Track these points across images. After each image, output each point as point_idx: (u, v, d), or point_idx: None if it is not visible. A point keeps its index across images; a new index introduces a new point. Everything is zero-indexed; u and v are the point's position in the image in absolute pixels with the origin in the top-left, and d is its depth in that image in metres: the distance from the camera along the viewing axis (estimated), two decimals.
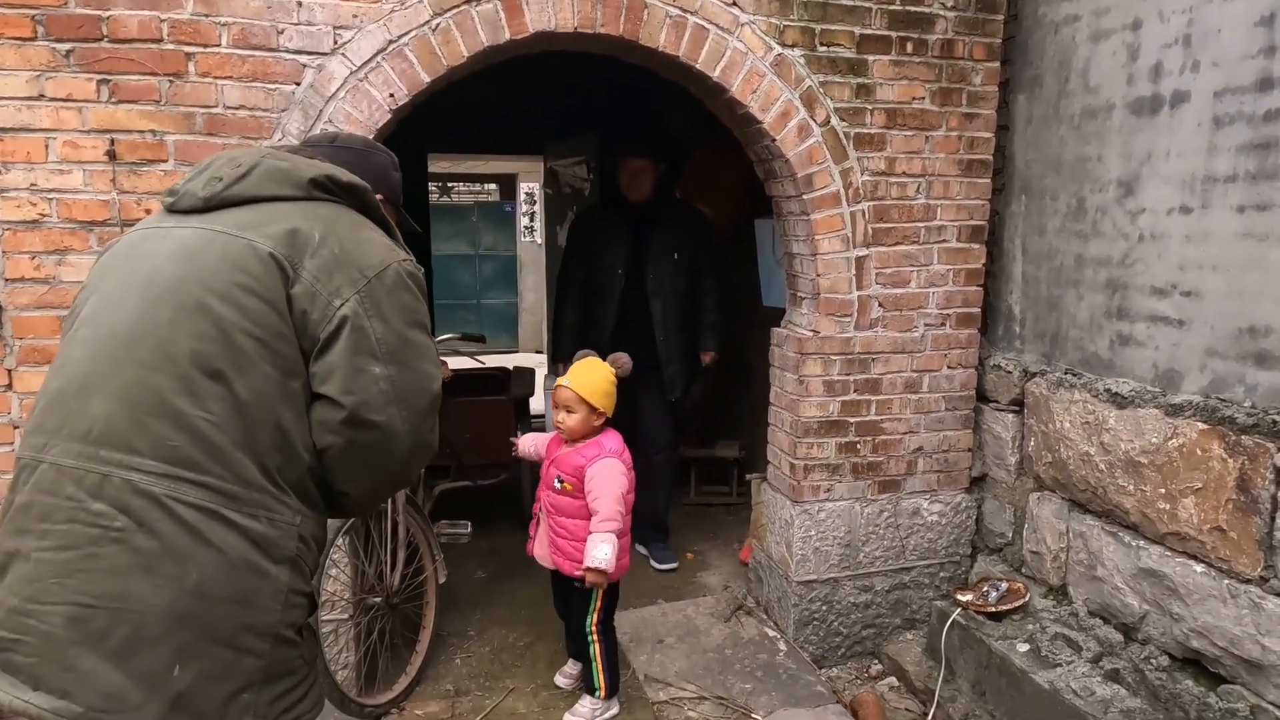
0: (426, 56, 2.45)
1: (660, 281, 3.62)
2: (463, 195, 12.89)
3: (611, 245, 3.63)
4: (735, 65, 2.68)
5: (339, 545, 2.53)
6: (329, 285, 1.20)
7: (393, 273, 1.26)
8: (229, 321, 1.15)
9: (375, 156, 1.55)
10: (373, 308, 1.22)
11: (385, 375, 1.21)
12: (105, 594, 1.07)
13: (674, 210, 3.71)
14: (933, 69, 2.87)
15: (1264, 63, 2.13)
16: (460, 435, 3.84)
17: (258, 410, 1.15)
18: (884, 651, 3.11)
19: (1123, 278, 2.59)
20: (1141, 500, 2.47)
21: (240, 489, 1.13)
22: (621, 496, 2.47)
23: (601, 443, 2.55)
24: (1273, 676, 2.09)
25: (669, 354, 3.66)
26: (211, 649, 1.11)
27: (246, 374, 1.15)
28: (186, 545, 1.10)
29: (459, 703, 2.72)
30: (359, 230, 1.29)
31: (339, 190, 1.32)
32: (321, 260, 1.21)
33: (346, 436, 1.20)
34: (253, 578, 1.14)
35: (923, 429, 3.08)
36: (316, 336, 1.19)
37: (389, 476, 1.31)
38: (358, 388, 1.19)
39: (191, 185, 1.27)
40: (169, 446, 1.11)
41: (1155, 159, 2.46)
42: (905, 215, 2.93)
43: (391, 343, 1.23)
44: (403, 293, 1.27)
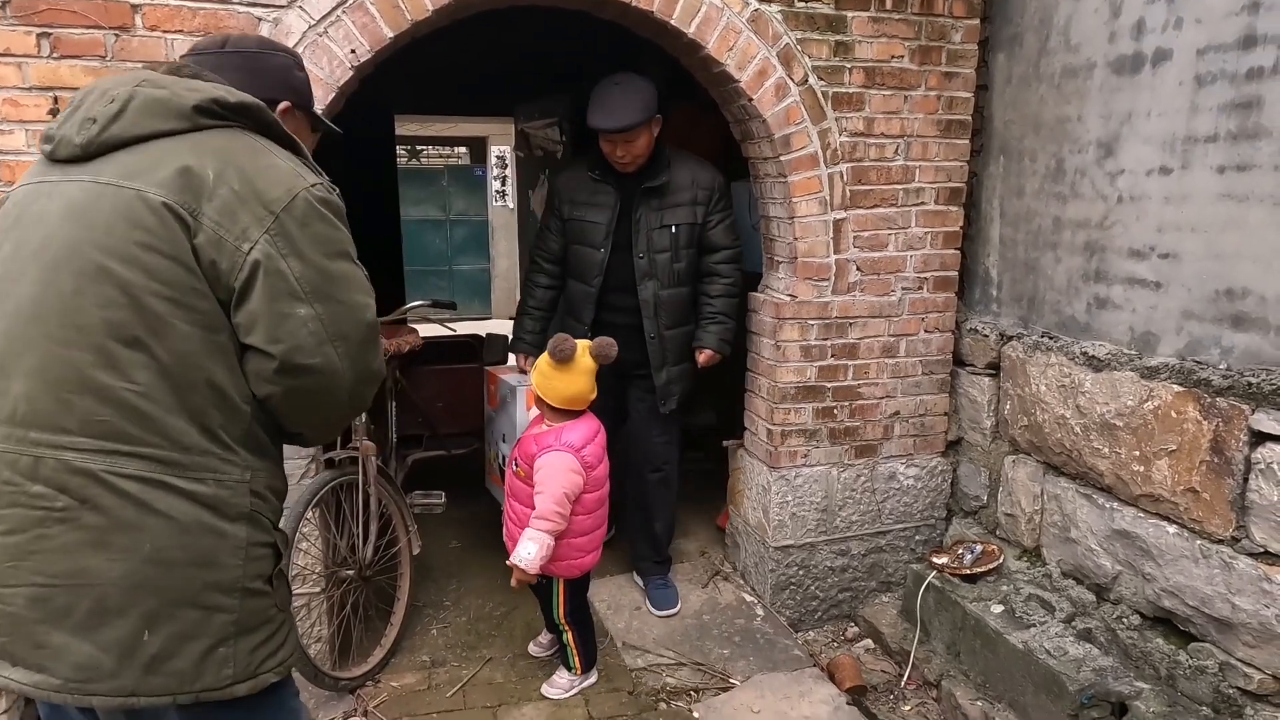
0: (389, 10, 2.34)
1: (651, 262, 2.87)
2: (432, 159, 12.63)
3: (592, 213, 2.90)
4: (711, 21, 2.60)
5: (309, 519, 2.47)
6: (234, 229, 1.11)
7: (302, 202, 1.16)
8: (135, 285, 1.08)
9: (273, 57, 1.40)
10: (286, 245, 1.13)
11: (312, 315, 1.15)
12: (61, 572, 1.07)
13: (674, 168, 2.86)
14: (912, 26, 2.80)
15: (1247, 19, 2.10)
16: (433, 404, 3.77)
17: (185, 372, 1.11)
18: (860, 614, 3.13)
19: (1101, 240, 2.57)
20: (1116, 463, 2.49)
21: (181, 454, 1.11)
22: (563, 496, 2.32)
23: (562, 433, 2.40)
24: (1242, 634, 2.12)
25: (662, 356, 2.93)
26: (179, 610, 1.11)
27: (165, 337, 1.09)
28: (134, 516, 1.09)
29: (435, 673, 2.69)
30: (259, 158, 1.17)
31: (229, 113, 1.19)
32: (221, 202, 1.11)
33: (284, 384, 1.16)
34: (209, 538, 1.13)
35: (899, 393, 3.07)
36: (231, 286, 1.12)
37: (339, 411, 1.27)
38: (285, 334, 1.14)
39: (66, 130, 1.15)
40: (98, 421, 1.08)
41: (1136, 119, 2.43)
42: (883, 177, 2.88)
43: (313, 279, 1.15)
44: (317, 222, 1.17)
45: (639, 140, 2.73)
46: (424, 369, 3.76)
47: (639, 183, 2.83)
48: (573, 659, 2.57)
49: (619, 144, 2.73)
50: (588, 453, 2.40)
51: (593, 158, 2.91)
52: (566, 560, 2.44)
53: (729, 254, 2.94)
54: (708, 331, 2.94)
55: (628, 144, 2.73)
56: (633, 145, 2.73)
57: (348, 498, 2.64)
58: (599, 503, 2.48)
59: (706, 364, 2.96)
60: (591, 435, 2.45)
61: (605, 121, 2.68)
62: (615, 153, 2.76)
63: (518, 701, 2.55)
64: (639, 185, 2.83)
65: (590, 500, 2.43)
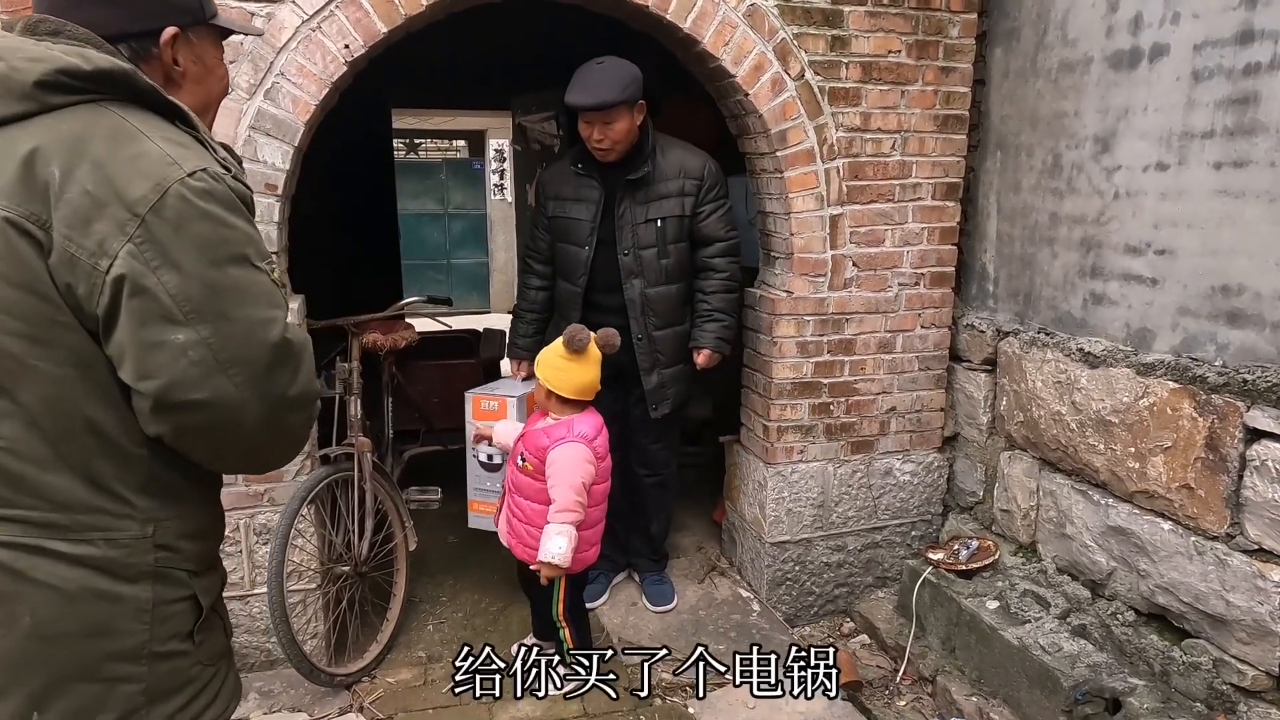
0: (383, 4, 2.33)
1: (637, 259, 2.71)
2: (431, 153, 12.61)
3: (576, 209, 2.75)
4: (707, 16, 2.59)
5: (304, 515, 2.48)
6: (87, 242, 0.90)
7: (175, 197, 0.93)
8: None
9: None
10: (156, 254, 0.92)
11: (195, 340, 0.93)
12: None
13: (659, 158, 2.70)
14: (909, 20, 2.79)
15: (1245, 14, 2.09)
16: (429, 400, 3.77)
17: (58, 419, 0.95)
18: (856, 610, 3.14)
19: (1097, 236, 2.56)
20: (1111, 459, 2.48)
21: (61, 515, 0.96)
22: (581, 486, 2.31)
23: (573, 424, 2.39)
24: (1236, 631, 2.12)
25: (652, 358, 2.78)
26: (73, 686, 0.98)
27: (27, 382, 0.93)
28: (8, 588, 0.95)
29: (432, 669, 2.70)
30: (121, 145, 0.94)
31: (87, 84, 0.95)
32: (70, 208, 0.90)
33: (170, 424, 0.97)
34: (102, 605, 0.98)
35: (896, 389, 3.07)
36: (92, 311, 0.92)
37: (253, 446, 1.04)
38: (156, 367, 0.93)
39: None
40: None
41: (1133, 114, 2.42)
42: (880, 172, 2.87)
43: (194, 294, 0.93)
44: (197, 222, 0.94)
45: (617, 124, 2.56)
46: (420, 364, 3.75)
47: (622, 174, 2.68)
48: (566, 645, 2.57)
49: (596, 125, 2.57)
50: (599, 443, 2.41)
51: (576, 151, 2.76)
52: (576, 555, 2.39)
53: (724, 246, 2.78)
54: (704, 330, 2.80)
55: (605, 125, 2.56)
56: (610, 128, 2.56)
57: (343, 494, 2.64)
58: (604, 495, 2.47)
59: (706, 365, 2.81)
60: (600, 427, 2.46)
61: (581, 97, 2.52)
62: (593, 135, 2.59)
63: (514, 698, 2.55)
64: (622, 177, 2.68)
65: (598, 492, 2.43)
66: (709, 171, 2.74)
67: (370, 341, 3.03)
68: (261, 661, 2.59)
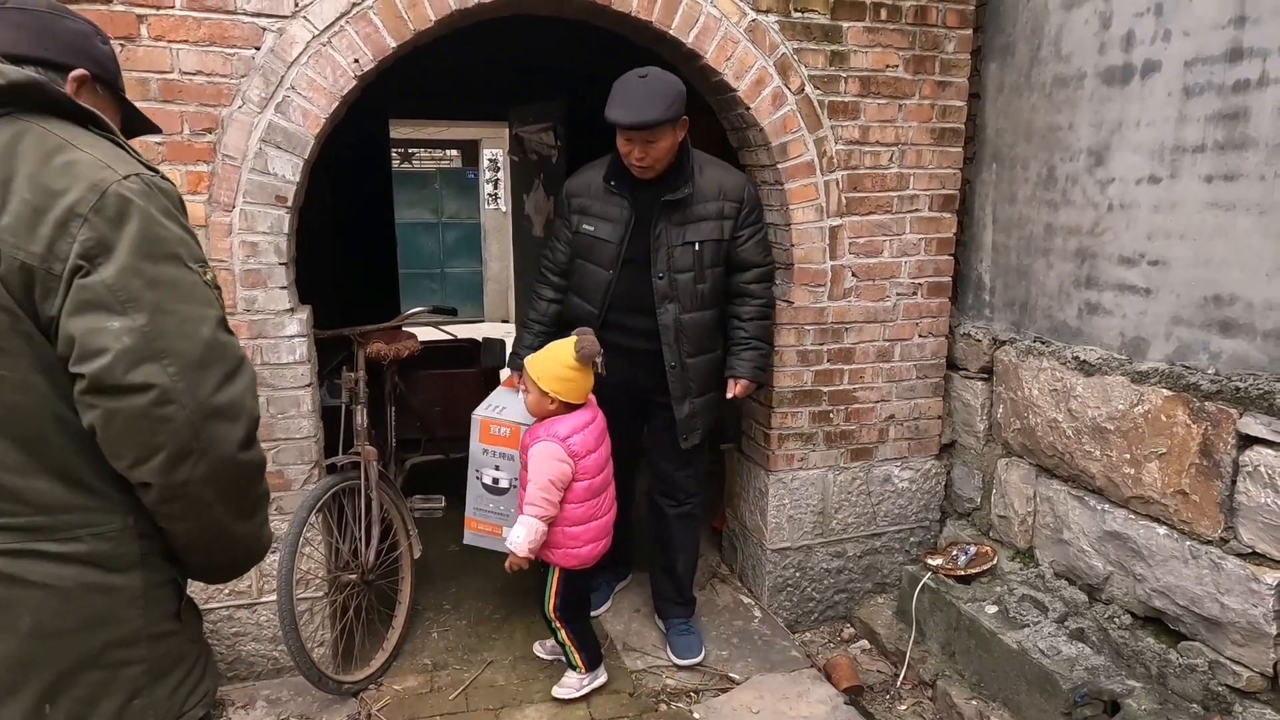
0: (392, 20, 2.37)
1: (672, 283, 2.56)
2: (425, 162, 12.64)
3: (603, 228, 2.58)
4: (709, 31, 2.63)
5: (312, 524, 2.49)
6: (35, 249, 0.94)
7: (114, 197, 0.97)
8: None
9: (66, 20, 1.16)
10: (96, 249, 0.96)
11: (129, 328, 0.96)
12: None
13: (698, 177, 2.55)
14: (906, 36, 2.85)
15: (1234, 33, 2.15)
16: (430, 408, 3.79)
17: (28, 425, 0.98)
18: (856, 615, 3.17)
19: (1092, 246, 2.62)
20: (1107, 465, 2.53)
21: (46, 517, 0.99)
22: (549, 483, 2.34)
23: (549, 426, 2.41)
24: (1231, 633, 2.17)
25: (684, 386, 2.64)
26: (81, 676, 1.02)
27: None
28: (4, 594, 0.98)
29: (437, 676, 2.72)
30: (51, 156, 0.97)
31: (4, 98, 0.99)
32: (13, 219, 0.94)
33: (102, 408, 0.97)
34: (98, 597, 1.03)
35: (894, 397, 3.11)
36: (49, 314, 0.96)
37: (183, 452, 1.01)
38: (94, 350, 0.96)
39: None
40: None
41: (1125, 128, 2.48)
42: (878, 184, 2.93)
43: (130, 286, 0.97)
44: (135, 220, 0.98)
45: (660, 142, 2.40)
46: (421, 373, 3.78)
47: (658, 193, 2.51)
48: (573, 657, 2.59)
49: (637, 143, 2.40)
50: (575, 442, 2.39)
51: (610, 164, 2.59)
52: (563, 548, 2.46)
53: (761, 272, 2.68)
54: (741, 359, 2.68)
55: (647, 144, 2.40)
56: (653, 147, 2.40)
57: (350, 502, 2.66)
58: (590, 492, 2.44)
59: (742, 395, 2.72)
60: (582, 425, 2.43)
61: (625, 116, 2.34)
62: (633, 154, 2.43)
63: (520, 703, 2.57)
64: (658, 196, 2.51)
65: (580, 489, 2.42)
66: (749, 193, 2.63)
67: (374, 351, 3.06)
68: (269, 669, 2.60)
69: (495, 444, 2.70)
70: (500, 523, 2.70)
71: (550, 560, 2.49)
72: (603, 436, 2.51)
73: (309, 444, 2.51)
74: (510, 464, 2.67)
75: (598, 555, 2.52)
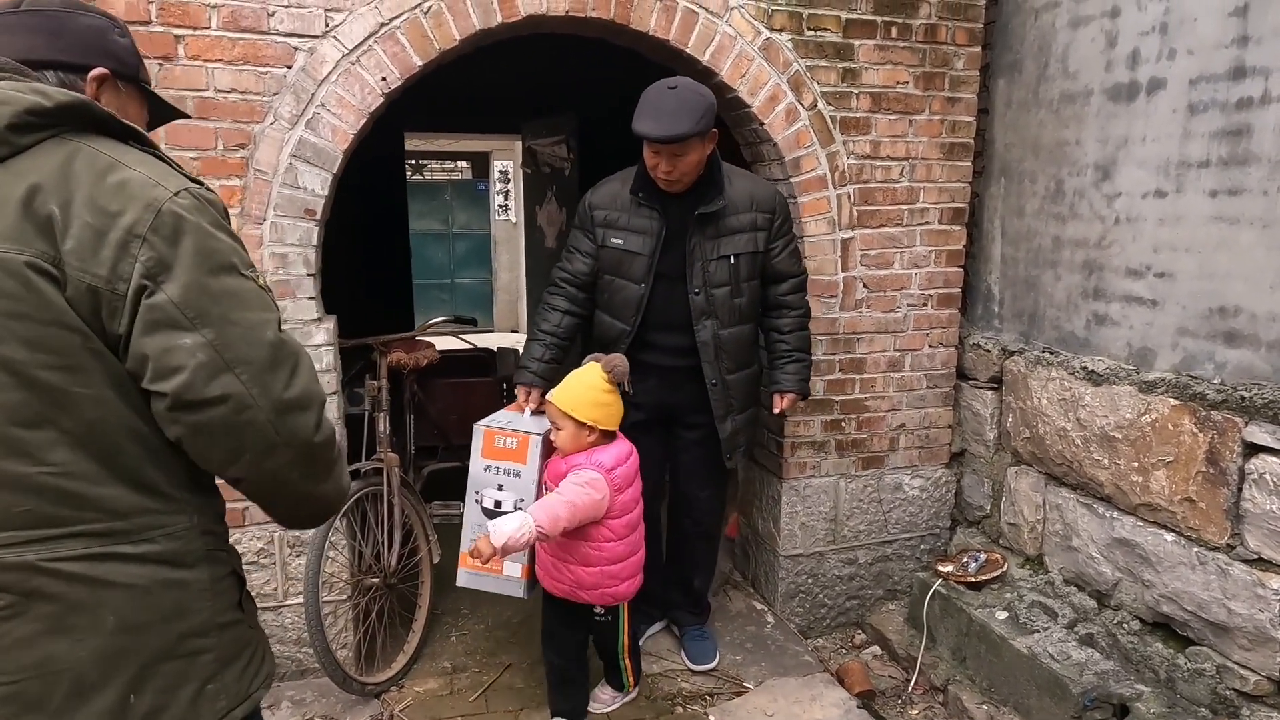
0: (418, 40, 2.45)
1: (709, 298, 2.50)
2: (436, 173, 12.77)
3: (633, 241, 2.50)
4: (724, 49, 2.71)
5: (337, 527, 2.56)
6: (100, 271, 0.97)
7: (169, 215, 1.00)
8: (18, 362, 0.96)
9: (83, 17, 1.16)
10: (158, 268, 0.99)
11: (201, 343, 1.00)
12: (27, 665, 1.01)
13: (730, 188, 2.49)
14: (916, 53, 2.92)
15: (1237, 52, 2.21)
16: (447, 416, 3.86)
17: (104, 437, 1.02)
18: (867, 622, 3.22)
19: (1099, 259, 2.68)
20: (1115, 473, 2.58)
21: (122, 522, 1.04)
22: (576, 506, 2.15)
23: (593, 454, 2.26)
24: (1238, 638, 2.21)
25: (726, 404, 2.58)
26: (160, 666, 1.08)
27: (72, 409, 0.99)
28: (87, 595, 1.02)
29: (457, 679, 2.77)
30: (104, 175, 1.00)
31: (52, 120, 1.00)
32: (76, 242, 0.96)
33: (187, 423, 1.03)
34: (173, 592, 1.09)
35: (905, 406, 3.17)
36: (116, 332, 1.00)
37: (270, 447, 1.07)
38: (170, 369, 1.00)
39: None
40: (20, 513, 0.99)
41: (1131, 144, 2.54)
42: (889, 198, 2.99)
43: (195, 302, 1.01)
44: (190, 236, 1.01)
45: (688, 155, 2.35)
46: (438, 382, 3.85)
47: (690, 206, 2.45)
48: (627, 679, 2.57)
49: (665, 157, 2.35)
50: (618, 474, 2.26)
51: (637, 176, 2.52)
52: (601, 588, 2.33)
53: (797, 282, 2.65)
54: (786, 372, 2.63)
55: (675, 158, 2.34)
56: (681, 160, 2.35)
57: (372, 507, 2.73)
58: (628, 528, 2.32)
59: (787, 409, 2.69)
60: (624, 456, 2.31)
61: (652, 129, 2.28)
62: (660, 167, 2.38)
63: (538, 705, 2.62)
64: (690, 210, 2.45)
65: (619, 526, 2.29)
66: (780, 203, 2.59)
67: (395, 360, 3.13)
68: (293, 671, 2.66)
69: (500, 458, 2.41)
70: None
71: (591, 599, 2.36)
72: (637, 474, 2.38)
73: None
74: (516, 482, 2.37)
75: (635, 592, 2.42)
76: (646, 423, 2.60)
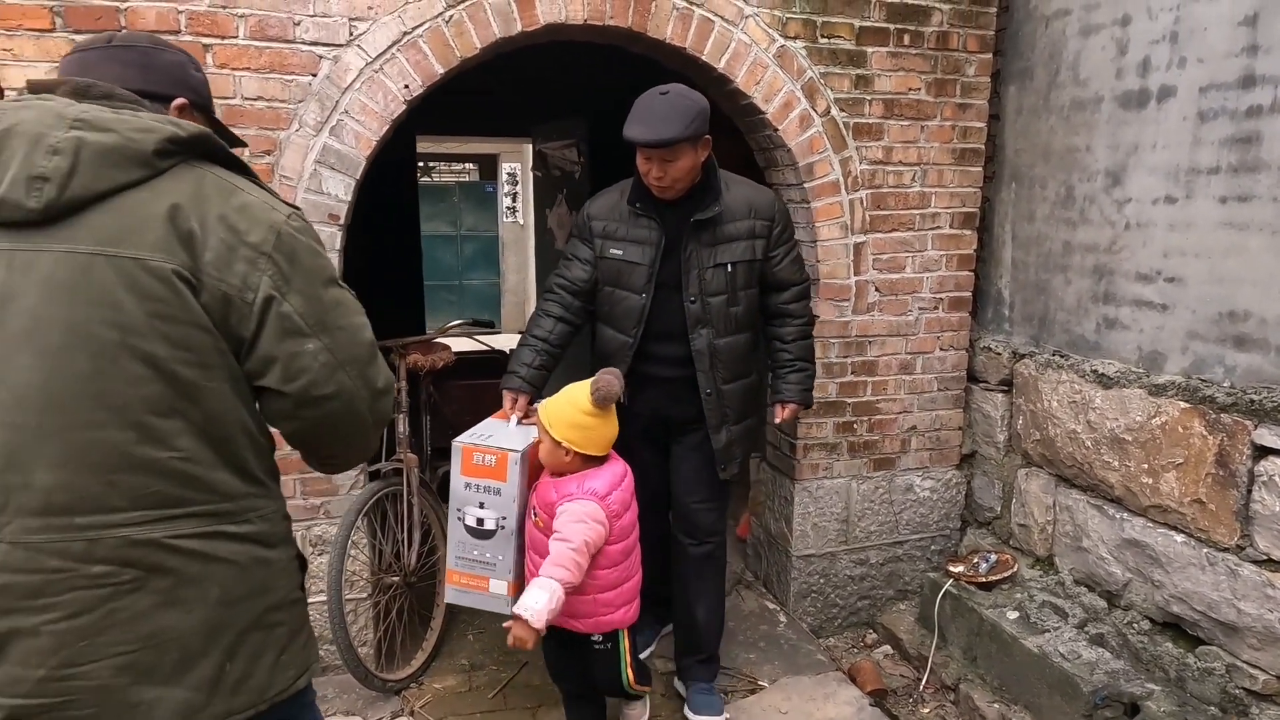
0: (440, 48, 2.49)
1: (704, 307, 2.44)
2: (444, 175, 12.83)
3: (632, 251, 2.45)
4: (740, 57, 2.75)
5: (359, 527, 2.60)
6: (234, 280, 1.12)
7: (287, 237, 1.16)
8: (161, 358, 1.08)
9: (166, 53, 1.31)
10: (282, 283, 1.14)
11: (320, 347, 1.17)
12: (143, 635, 1.11)
13: (727, 196, 2.44)
14: (928, 60, 2.96)
15: (1247, 61, 2.25)
16: (461, 418, 3.88)
17: (220, 428, 1.15)
18: (878, 621, 3.25)
19: (1109, 263, 2.71)
20: (1125, 475, 2.62)
21: (229, 503, 1.16)
22: (584, 545, 2.02)
23: (584, 481, 2.11)
24: (1247, 638, 2.25)
25: (720, 414, 2.50)
26: (249, 637, 1.19)
27: (199, 400, 1.12)
28: (199, 570, 1.14)
29: (475, 676, 2.81)
30: (229, 198, 1.14)
31: (182, 148, 1.14)
32: (214, 255, 1.10)
33: (307, 418, 1.20)
34: (263, 569, 1.21)
35: (916, 409, 3.20)
36: (242, 336, 1.14)
37: (365, 430, 1.27)
38: (298, 371, 1.16)
39: (3, 190, 1.05)
40: (150, 494, 1.10)
41: (1142, 150, 2.57)
42: (901, 203, 3.03)
43: (313, 312, 1.17)
44: (304, 255, 1.17)
45: (679, 161, 2.29)
46: (453, 384, 3.89)
47: (687, 214, 2.40)
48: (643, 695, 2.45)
49: (656, 162, 2.30)
50: (613, 500, 2.12)
51: (633, 186, 2.47)
52: (594, 616, 2.18)
53: (798, 290, 2.58)
54: (789, 382, 2.58)
55: (665, 163, 2.29)
56: (671, 166, 2.29)
57: (392, 507, 2.77)
58: (623, 554, 2.19)
59: (790, 419, 2.63)
60: (618, 480, 2.16)
61: (641, 133, 2.24)
62: (651, 173, 2.33)
63: (555, 703, 2.65)
64: (687, 217, 2.40)
65: (615, 552, 2.15)
66: (779, 210, 2.53)
67: (412, 362, 3.17)
68: None
69: (479, 476, 2.23)
70: (486, 574, 2.25)
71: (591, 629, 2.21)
72: (633, 496, 2.24)
73: None
74: (496, 500, 2.22)
75: (634, 618, 2.28)
76: (647, 432, 2.57)
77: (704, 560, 2.63)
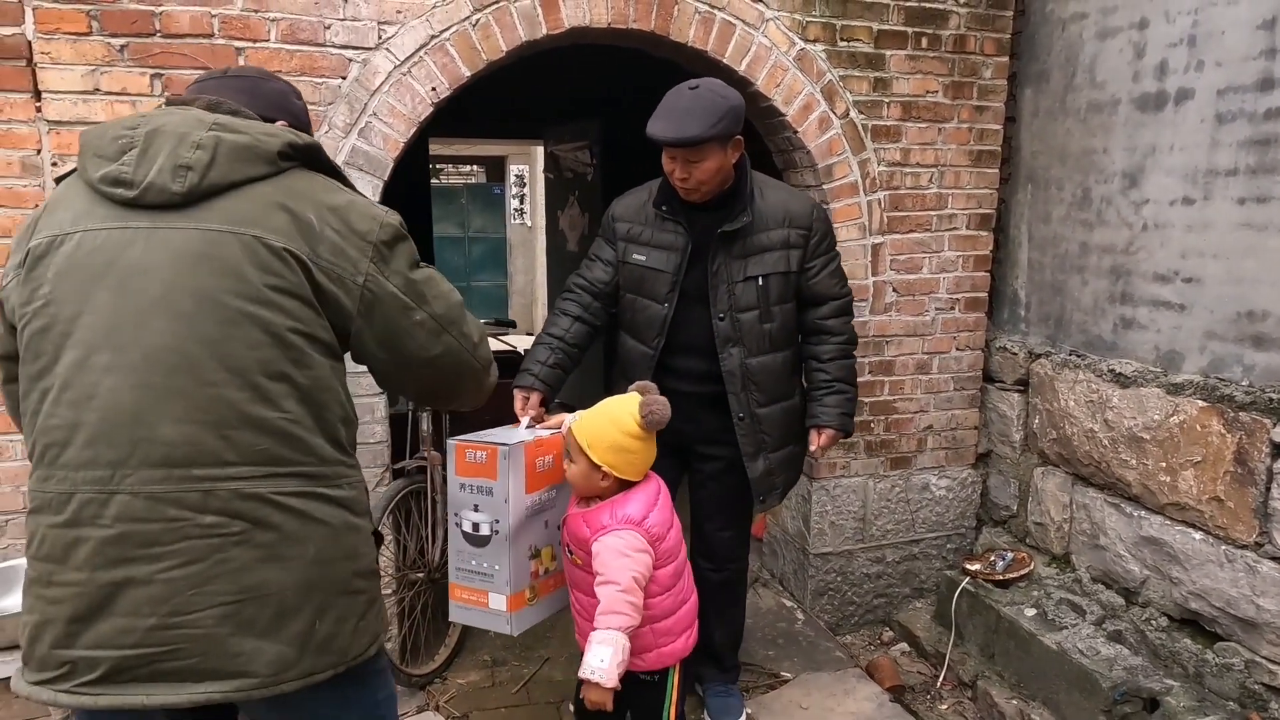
0: (467, 51, 2.53)
1: (734, 323, 2.27)
2: (452, 177, 12.88)
3: (655, 257, 2.30)
4: (760, 60, 2.79)
5: (384, 523, 2.64)
6: (346, 266, 1.27)
7: (388, 229, 1.33)
8: (276, 324, 1.21)
9: (272, 83, 1.51)
10: (387, 269, 1.31)
11: (426, 316, 1.35)
12: (246, 587, 1.19)
13: (760, 203, 2.28)
14: (945, 63, 2.99)
15: (1265, 64, 2.27)
16: (481, 415, 3.92)
17: (320, 395, 1.26)
18: (895, 619, 3.28)
19: (1126, 264, 2.74)
20: (1143, 473, 2.64)
21: (325, 468, 1.26)
22: (632, 583, 1.81)
23: (615, 509, 1.89)
24: (1266, 634, 2.27)
25: (756, 440, 2.33)
26: (337, 599, 1.27)
27: (305, 367, 1.24)
28: (298, 528, 1.22)
29: (498, 672, 2.85)
30: (337, 196, 1.31)
31: (297, 154, 1.30)
32: (329, 243, 1.26)
33: (425, 376, 1.42)
34: (352, 535, 1.30)
35: (932, 408, 3.23)
36: (353, 314, 1.29)
37: (478, 377, 1.49)
38: (409, 339, 1.35)
39: (151, 175, 1.19)
40: (259, 450, 1.19)
41: (1159, 152, 2.60)
42: (918, 204, 3.06)
43: (413, 289, 1.34)
44: (400, 243, 1.34)
45: (705, 162, 2.13)
46: None
47: (715, 223, 2.24)
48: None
49: (679, 161, 2.15)
50: (652, 522, 1.90)
51: (660, 188, 2.32)
52: (655, 650, 1.98)
53: (839, 305, 2.38)
54: (825, 405, 2.36)
55: (689, 163, 2.14)
56: (696, 167, 2.14)
57: (416, 504, 2.81)
58: (675, 576, 1.99)
59: (827, 446, 2.41)
60: (652, 500, 1.94)
61: (663, 129, 2.09)
62: (676, 173, 2.18)
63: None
64: (715, 226, 2.24)
65: (665, 576, 1.95)
66: (818, 218, 2.34)
67: None
68: None
69: (472, 475, 2.01)
70: (485, 586, 2.02)
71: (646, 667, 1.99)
72: (672, 512, 2.02)
73: (381, 448, 2.66)
74: (489, 500, 1.98)
75: (694, 645, 2.07)
76: (664, 448, 2.15)
77: (725, 586, 2.52)
